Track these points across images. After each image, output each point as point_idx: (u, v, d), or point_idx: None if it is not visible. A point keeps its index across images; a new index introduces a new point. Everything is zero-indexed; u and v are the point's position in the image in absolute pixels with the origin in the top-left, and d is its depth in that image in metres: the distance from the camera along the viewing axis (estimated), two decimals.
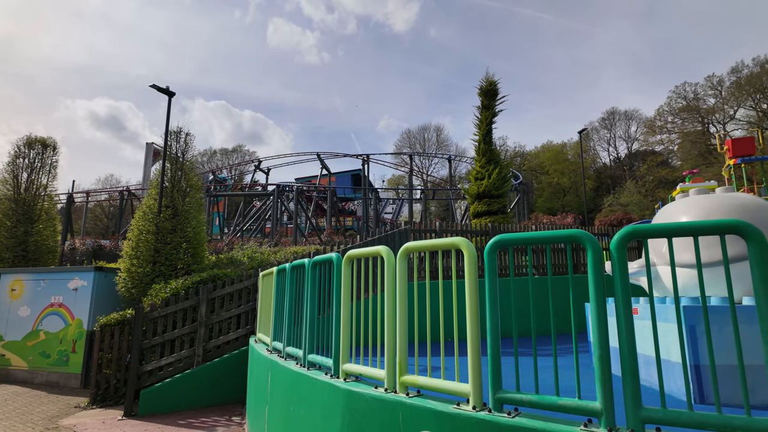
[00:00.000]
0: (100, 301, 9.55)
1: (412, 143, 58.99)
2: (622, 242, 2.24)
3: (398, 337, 3.05)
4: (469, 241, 2.78)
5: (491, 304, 2.55)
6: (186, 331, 7.59)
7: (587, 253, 2.30)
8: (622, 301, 2.18)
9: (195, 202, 10.74)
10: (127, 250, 9.68)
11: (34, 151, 13.73)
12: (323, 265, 4.09)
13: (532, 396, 2.36)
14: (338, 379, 3.48)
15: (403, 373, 2.98)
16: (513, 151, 57.93)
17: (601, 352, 2.19)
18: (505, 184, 15.00)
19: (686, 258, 4.39)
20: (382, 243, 8.53)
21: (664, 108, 47.80)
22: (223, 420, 6.59)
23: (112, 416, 6.94)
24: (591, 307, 2.25)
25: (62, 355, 9.43)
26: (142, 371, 7.32)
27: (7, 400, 8.08)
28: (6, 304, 10.25)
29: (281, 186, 31.94)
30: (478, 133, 15.40)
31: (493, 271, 2.61)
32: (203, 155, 66.27)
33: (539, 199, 53.50)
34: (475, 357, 2.58)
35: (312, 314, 4.14)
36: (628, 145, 54.41)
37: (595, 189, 51.32)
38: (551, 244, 2.60)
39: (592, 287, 2.24)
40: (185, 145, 10.96)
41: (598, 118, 56.16)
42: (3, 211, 12.88)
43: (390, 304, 3.16)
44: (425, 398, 2.81)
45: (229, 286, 7.92)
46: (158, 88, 10.47)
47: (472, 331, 2.60)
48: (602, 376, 2.16)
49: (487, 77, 15.30)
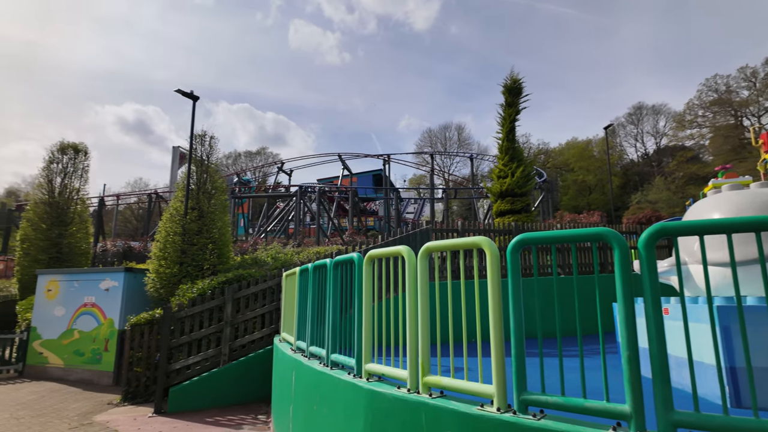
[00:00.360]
0: (130, 301, 9.83)
1: (433, 142, 58.77)
2: (651, 240, 2.17)
3: (420, 338, 3.04)
4: (491, 240, 2.75)
5: (515, 304, 2.51)
6: (212, 330, 7.74)
7: (614, 251, 2.24)
8: (651, 300, 2.12)
9: (220, 203, 10.95)
10: (155, 252, 9.94)
11: (66, 156, 14.24)
12: (345, 265, 4.11)
13: (558, 398, 2.31)
14: (361, 378, 3.49)
15: (426, 373, 2.96)
16: (537, 149, 57.03)
17: (630, 353, 2.13)
18: (528, 182, 14.77)
19: (719, 256, 4.25)
20: (403, 243, 8.52)
21: (694, 102, 46.27)
22: (249, 418, 6.69)
23: (142, 413, 7.13)
24: (618, 307, 2.19)
25: (95, 353, 9.74)
26: (170, 370, 7.50)
27: (44, 397, 8.39)
28: (43, 304, 10.66)
29: (303, 187, 32.24)
30: (501, 130, 15.21)
31: (516, 271, 2.57)
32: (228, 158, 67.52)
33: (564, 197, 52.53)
34: (498, 358, 2.55)
35: (334, 314, 4.16)
36: (657, 141, 52.90)
37: (622, 186, 50.06)
38: (576, 243, 2.55)
39: (619, 287, 2.19)
40: (210, 148, 11.19)
41: (624, 114, 54.74)
42: (38, 215, 13.40)
43: (412, 304, 3.14)
44: (448, 399, 2.79)
45: (254, 286, 8.04)
46: (183, 93, 10.72)
47: (496, 331, 2.57)
48: (631, 378, 2.10)
49: (511, 75, 15.09)
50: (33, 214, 13.44)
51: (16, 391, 8.88)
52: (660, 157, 50.74)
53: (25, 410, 7.45)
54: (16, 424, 6.67)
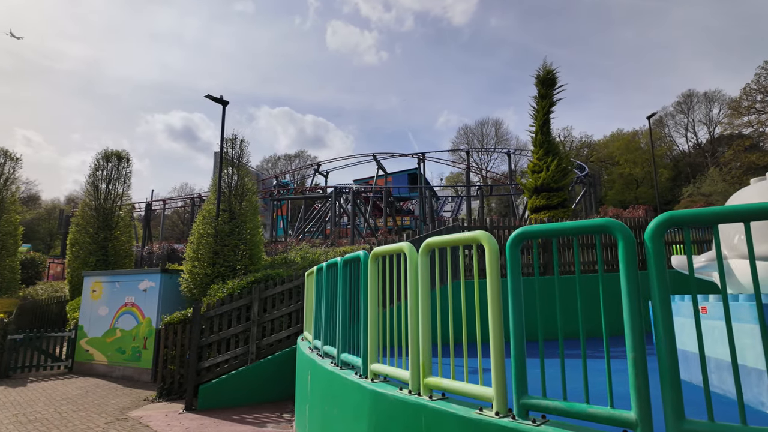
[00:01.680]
0: (166, 300, 10.19)
1: (470, 139, 57.87)
2: (659, 231, 1.96)
3: (421, 337, 2.92)
4: (490, 235, 2.59)
5: (514, 303, 2.36)
6: (240, 329, 7.88)
7: (618, 244, 2.04)
8: (660, 297, 1.92)
9: (251, 205, 11.17)
10: (188, 253, 10.25)
11: (110, 163, 14.98)
12: (353, 263, 4.03)
13: (559, 403, 2.15)
14: (366, 379, 3.40)
15: (427, 374, 2.84)
16: (579, 142, 55.01)
17: (635, 354, 1.93)
18: (565, 176, 14.22)
19: (764, 249, 3.88)
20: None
21: (751, 86, 43.08)
22: (274, 417, 6.75)
23: (174, 410, 7.35)
24: (624, 304, 2.00)
25: (135, 351, 10.16)
26: (200, 367, 7.69)
27: (88, 392, 8.82)
28: (88, 304, 11.24)
29: (338, 188, 32.52)
30: (534, 123, 14.74)
31: (516, 268, 2.42)
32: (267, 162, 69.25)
33: (609, 191, 50.40)
34: (498, 359, 2.40)
35: (344, 312, 4.09)
36: (710, 130, 49.71)
37: (672, 179, 47.46)
38: (578, 236, 2.35)
39: (624, 283, 1.99)
40: (240, 151, 11.43)
41: (673, 103, 51.76)
42: (86, 219, 14.17)
43: (413, 302, 3.03)
44: (449, 402, 2.66)
45: (280, 286, 8.13)
46: (213, 98, 11.00)
47: (495, 331, 2.42)
48: (637, 382, 1.91)
49: (544, 65, 14.62)
50: (81, 218, 14.23)
51: (64, 386, 9.39)
52: (714, 147, 47.72)
53: (69, 404, 7.85)
54: (59, 417, 7.02)
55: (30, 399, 8.28)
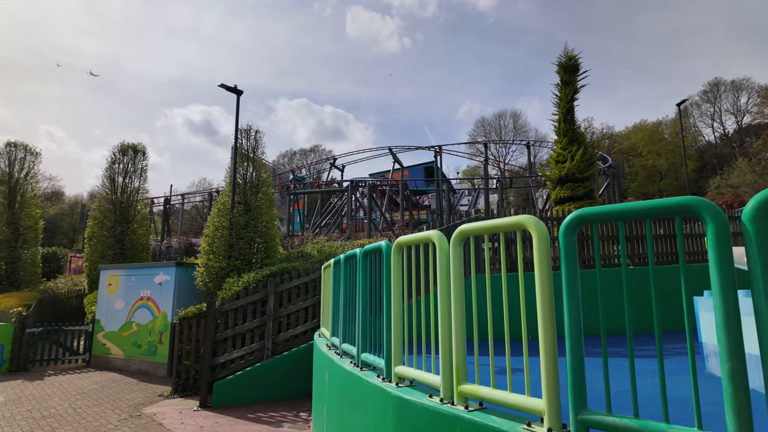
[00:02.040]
0: (181, 294, 10.02)
1: (488, 131, 56.96)
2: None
3: (454, 339, 2.56)
4: (539, 219, 2.21)
5: (570, 299, 1.98)
6: (255, 324, 7.63)
7: (707, 228, 1.65)
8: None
9: (266, 197, 10.92)
10: (203, 246, 10.06)
11: (127, 156, 14.91)
12: (374, 255, 3.69)
13: (629, 420, 1.76)
14: (390, 383, 3.06)
15: (462, 381, 2.48)
16: (600, 133, 53.62)
17: (733, 364, 1.54)
18: (591, 166, 13.62)
19: None
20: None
21: None
22: (291, 415, 6.48)
23: (189, 406, 7.14)
24: (715, 301, 1.60)
25: (151, 345, 10.03)
26: (215, 363, 7.47)
27: (104, 387, 8.71)
28: (105, 298, 11.16)
29: (354, 182, 32.24)
30: (557, 112, 14.15)
31: (572, 257, 2.03)
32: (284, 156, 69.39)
33: (632, 183, 49.13)
34: (550, 366, 2.02)
35: (364, 308, 3.76)
36: (738, 119, 47.93)
37: (698, 170, 45.94)
38: (652, 220, 1.96)
39: (715, 273, 1.59)
40: (255, 143, 11.17)
41: (699, 92, 50.00)
42: (103, 213, 14.13)
43: (444, 298, 2.66)
44: (488, 413, 2.30)
45: (296, 279, 7.85)
46: (227, 87, 10.76)
47: (546, 333, 2.04)
48: (735, 398, 1.52)
49: (566, 51, 14.00)
50: (98, 212, 14.20)
51: (80, 381, 9.31)
52: (742, 137, 45.99)
53: (84, 399, 7.72)
54: (73, 413, 6.88)
55: (46, 393, 8.19)
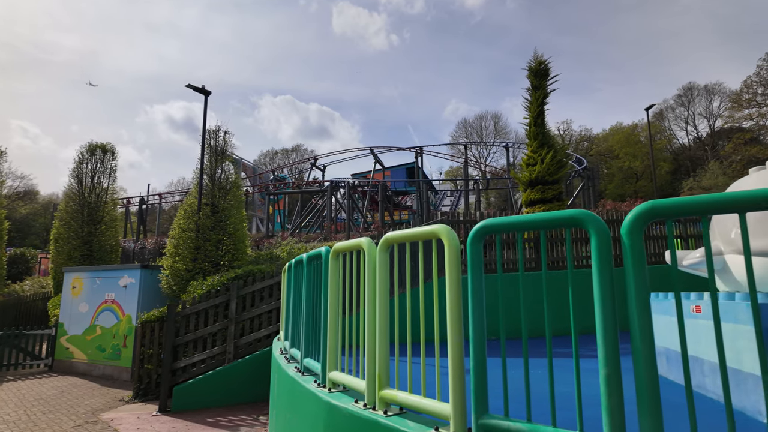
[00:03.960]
0: (146, 297, 9.87)
1: (469, 133, 57.39)
2: (638, 224, 1.63)
3: (378, 345, 2.59)
4: (450, 228, 2.26)
5: (474, 305, 2.04)
6: (217, 328, 7.57)
7: (591, 239, 1.71)
8: (636, 298, 1.58)
9: (235, 199, 10.82)
10: (169, 248, 9.92)
11: (95, 156, 14.60)
12: (317, 261, 3.70)
13: (521, 424, 1.83)
14: (324, 388, 3.08)
15: (384, 386, 2.52)
16: (579, 135, 54.53)
17: (608, 370, 1.60)
18: (560, 169, 13.83)
19: (762, 244, 3.55)
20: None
21: (752, 79, 42.57)
22: (250, 419, 6.45)
23: (148, 411, 7.05)
24: (597, 304, 1.67)
25: (115, 349, 9.86)
26: (175, 367, 7.38)
27: (63, 392, 8.53)
28: (69, 301, 10.92)
29: (334, 182, 32.18)
30: (528, 116, 14.34)
31: (478, 265, 2.08)
32: (265, 156, 68.76)
33: (609, 185, 50.01)
34: (457, 371, 2.08)
35: (308, 314, 3.77)
36: (710, 123, 49.22)
37: (673, 172, 47.06)
38: (547, 230, 2.02)
39: (597, 280, 1.66)
40: (224, 143, 11.06)
41: (674, 95, 51.25)
42: (70, 214, 13.81)
43: (370, 305, 2.70)
44: (405, 418, 2.34)
45: (259, 283, 7.80)
46: (194, 88, 10.63)
47: (454, 338, 2.10)
48: (610, 402, 1.58)
49: (536, 56, 14.19)
50: (65, 213, 13.87)
51: (40, 386, 9.09)
52: (714, 141, 47.26)
53: (40, 406, 7.55)
54: (26, 420, 6.73)
55: (1, 400, 7.98)
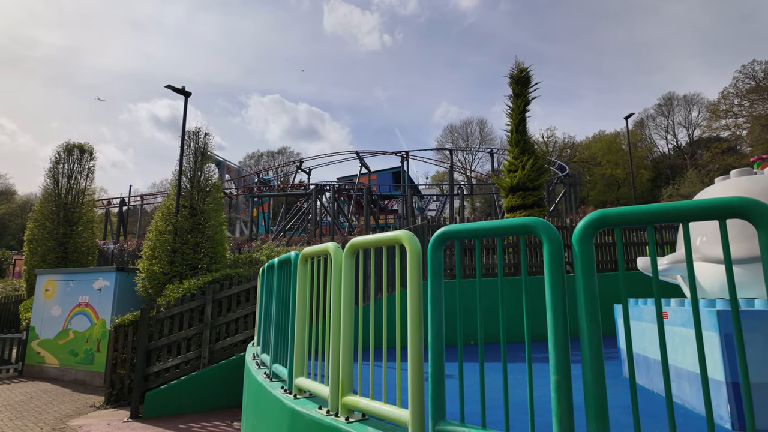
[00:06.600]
0: (122, 301, 9.67)
1: (455, 138, 57.79)
2: (588, 232, 1.65)
3: (342, 350, 2.57)
4: (413, 234, 2.26)
5: (433, 311, 2.05)
6: (192, 332, 7.45)
7: (543, 246, 1.73)
8: (586, 306, 1.59)
9: (215, 201, 10.69)
10: (145, 251, 9.75)
11: (73, 156, 14.30)
12: (288, 265, 3.67)
13: (477, 431, 1.82)
14: (290, 394, 3.05)
15: (347, 392, 2.50)
16: (562, 143, 55.30)
17: (558, 377, 1.61)
18: (541, 176, 14.00)
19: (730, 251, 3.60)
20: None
21: (729, 90, 43.76)
22: (223, 425, 6.35)
23: (119, 417, 6.89)
24: (548, 311, 1.68)
25: (88, 353, 9.63)
26: (148, 372, 7.24)
27: (32, 398, 8.29)
28: (41, 304, 10.65)
29: (319, 185, 32.08)
30: (510, 123, 14.50)
31: (437, 271, 2.09)
32: (250, 158, 68.23)
33: (592, 191, 50.79)
34: (416, 377, 2.07)
35: (278, 319, 3.73)
36: (689, 132, 50.41)
37: (653, 180, 47.99)
38: (503, 237, 2.05)
39: (548, 287, 1.67)
40: (204, 145, 10.94)
41: (654, 105, 52.41)
42: (45, 215, 13.49)
43: (335, 309, 2.68)
44: (366, 425, 2.32)
45: (236, 287, 7.71)
46: (174, 89, 10.49)
47: (414, 344, 2.11)
48: (559, 407, 1.59)
49: (517, 64, 14.37)
50: (40, 214, 13.54)
51: (8, 392, 8.83)
52: (693, 149, 48.38)
53: (7, 412, 7.33)
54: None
55: None
